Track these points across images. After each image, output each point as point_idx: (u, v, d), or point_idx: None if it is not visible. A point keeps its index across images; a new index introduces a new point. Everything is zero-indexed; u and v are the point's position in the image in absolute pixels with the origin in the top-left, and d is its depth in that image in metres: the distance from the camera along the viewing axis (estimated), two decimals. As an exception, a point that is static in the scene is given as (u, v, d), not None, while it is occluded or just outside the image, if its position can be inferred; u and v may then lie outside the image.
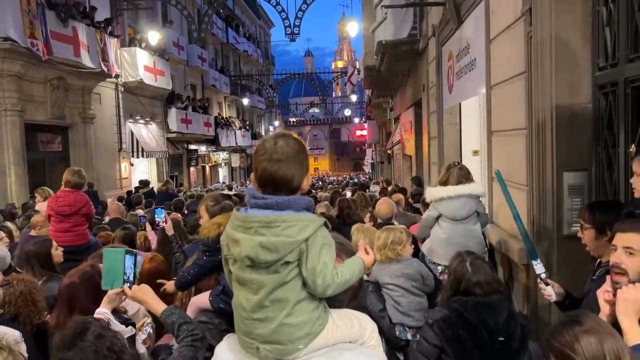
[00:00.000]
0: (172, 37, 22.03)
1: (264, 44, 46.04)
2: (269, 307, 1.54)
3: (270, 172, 1.56)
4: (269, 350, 1.56)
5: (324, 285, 1.54)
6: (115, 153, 17.32)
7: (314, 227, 1.53)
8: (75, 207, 5.27)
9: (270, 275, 1.53)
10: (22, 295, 3.04)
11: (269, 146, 1.60)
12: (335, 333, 1.62)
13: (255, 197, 1.59)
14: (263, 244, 1.50)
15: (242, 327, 1.61)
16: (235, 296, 1.65)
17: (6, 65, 11.41)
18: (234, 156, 33.60)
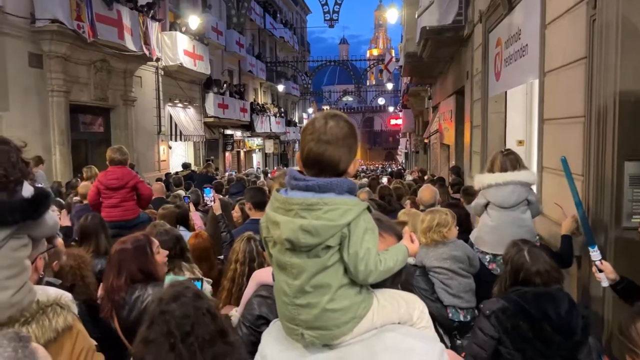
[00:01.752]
0: (212, 22, 22.17)
1: (300, 30, 45.91)
2: (311, 292, 1.50)
3: (317, 153, 1.51)
4: (314, 337, 1.52)
5: (366, 272, 1.49)
6: (154, 136, 17.62)
7: (356, 211, 1.48)
8: (123, 180, 5.37)
9: (311, 259, 1.49)
10: (72, 270, 3.14)
11: (318, 126, 1.53)
12: (382, 314, 1.57)
13: (296, 179, 1.53)
14: (304, 227, 1.45)
15: (285, 313, 1.57)
16: (276, 281, 1.61)
17: (53, 47, 11.70)
18: (267, 142, 33.80)
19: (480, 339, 2.59)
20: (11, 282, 1.62)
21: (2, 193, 1.60)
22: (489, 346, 2.56)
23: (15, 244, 1.64)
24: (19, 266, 1.66)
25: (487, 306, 2.66)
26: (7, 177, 1.60)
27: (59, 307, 1.69)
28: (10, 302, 1.62)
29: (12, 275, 1.63)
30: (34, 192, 1.66)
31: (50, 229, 1.82)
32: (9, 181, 1.61)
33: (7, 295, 1.61)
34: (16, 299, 1.63)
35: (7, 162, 1.62)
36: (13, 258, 1.64)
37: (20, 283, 1.65)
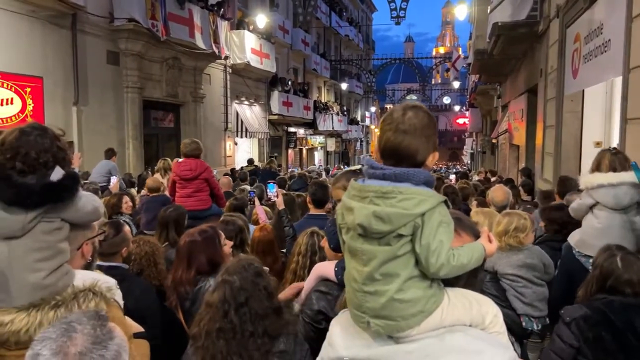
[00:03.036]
0: (278, 21, 22.48)
1: (365, 28, 45.70)
2: (380, 280, 1.49)
3: (394, 143, 1.50)
4: (380, 326, 1.50)
5: (438, 265, 1.45)
6: (221, 132, 18.09)
7: (432, 202, 1.45)
8: (197, 171, 5.54)
9: (382, 247, 1.47)
10: (146, 256, 3.25)
11: (397, 116, 1.52)
12: (452, 313, 1.52)
13: (373, 167, 1.53)
14: (377, 213, 1.44)
15: (353, 299, 1.57)
16: (347, 267, 1.61)
17: (129, 44, 12.25)
18: (329, 140, 33.91)
19: (558, 347, 2.44)
20: (43, 265, 1.66)
21: (32, 176, 1.64)
22: (567, 355, 2.41)
23: (46, 227, 1.68)
24: (52, 249, 1.70)
25: (568, 313, 2.50)
26: (37, 160, 1.65)
27: (92, 293, 1.71)
28: (42, 284, 1.66)
29: (44, 258, 1.67)
30: (61, 176, 1.69)
31: (88, 214, 1.83)
32: (39, 164, 1.65)
33: (39, 277, 1.65)
34: (48, 282, 1.67)
35: (39, 146, 1.66)
36: (45, 241, 1.68)
37: (54, 266, 1.69)
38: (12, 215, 1.62)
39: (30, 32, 9.88)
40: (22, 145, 1.64)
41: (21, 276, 1.64)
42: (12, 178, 1.61)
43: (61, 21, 10.55)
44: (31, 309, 1.63)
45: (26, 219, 1.63)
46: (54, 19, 10.33)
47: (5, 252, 1.64)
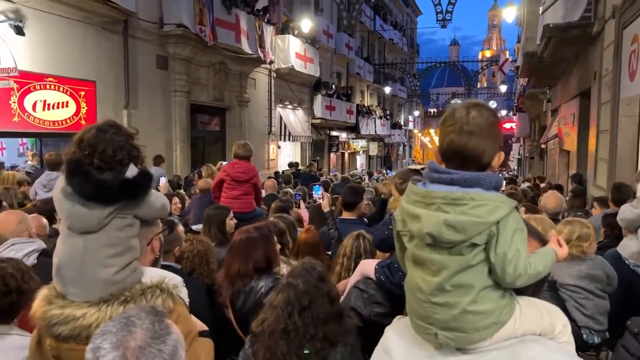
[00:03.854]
0: (323, 25, 22.59)
1: (410, 32, 45.32)
2: (451, 291, 1.41)
3: (459, 145, 1.42)
4: (450, 338, 1.43)
5: (515, 275, 1.38)
6: (265, 135, 18.29)
7: (506, 209, 1.37)
8: (248, 175, 5.63)
9: (453, 256, 1.40)
10: (199, 254, 3.29)
11: (459, 116, 1.44)
12: (524, 323, 1.46)
13: (438, 172, 1.45)
14: (449, 222, 1.36)
15: (418, 310, 1.49)
16: (409, 276, 1.54)
17: (178, 49, 12.56)
18: (372, 144, 33.74)
19: (623, 359, 2.31)
20: (114, 261, 1.69)
21: (108, 173, 1.68)
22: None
23: (119, 223, 1.71)
24: (123, 245, 1.72)
25: (636, 323, 2.37)
26: (114, 157, 1.68)
27: (159, 289, 1.73)
28: (112, 280, 1.69)
29: (115, 254, 1.70)
30: (135, 173, 1.72)
31: (158, 210, 1.87)
32: (115, 161, 1.68)
33: (109, 273, 1.68)
34: (118, 278, 1.70)
35: (115, 144, 1.70)
36: (117, 237, 1.71)
37: (124, 262, 1.72)
38: (90, 210, 1.66)
39: (84, 38, 10.27)
40: (99, 142, 1.68)
41: (93, 271, 1.68)
42: (91, 174, 1.65)
43: (114, 27, 10.92)
44: (101, 304, 1.66)
45: (103, 214, 1.66)
46: (107, 25, 10.71)
47: (80, 247, 1.68)
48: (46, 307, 1.68)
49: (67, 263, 1.70)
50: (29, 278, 2.39)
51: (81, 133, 1.73)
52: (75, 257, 1.69)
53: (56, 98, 9.75)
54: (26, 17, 8.71)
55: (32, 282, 2.39)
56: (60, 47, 9.69)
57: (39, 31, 9.16)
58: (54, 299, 1.70)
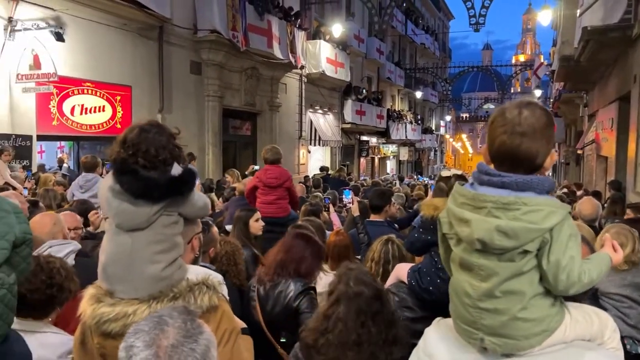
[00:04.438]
0: (354, 30, 22.59)
1: (442, 36, 44.92)
2: (500, 298, 1.37)
3: (511, 147, 1.37)
4: (496, 344, 1.39)
5: (568, 283, 1.34)
6: (295, 140, 18.36)
7: (561, 214, 1.32)
8: (281, 179, 5.66)
9: (503, 263, 1.36)
10: (227, 255, 3.32)
11: (511, 117, 1.39)
12: (574, 329, 1.42)
13: (489, 174, 1.41)
14: (500, 228, 1.32)
15: (463, 314, 1.46)
16: (455, 279, 1.52)
17: (211, 55, 12.75)
18: (402, 149, 33.51)
19: None
20: (162, 257, 1.71)
21: (153, 171, 1.70)
22: None
23: (166, 220, 1.73)
24: (170, 242, 1.75)
25: None
26: (157, 157, 1.71)
27: (205, 286, 1.74)
28: (160, 276, 1.71)
29: (162, 250, 1.72)
30: (181, 171, 1.74)
31: (200, 209, 1.89)
32: (158, 161, 1.70)
33: (157, 269, 1.70)
34: (166, 274, 1.72)
35: (158, 143, 1.72)
36: (164, 234, 1.73)
37: (171, 259, 1.74)
38: (139, 207, 1.69)
39: (121, 44, 10.53)
40: (142, 142, 1.71)
41: (142, 268, 1.70)
42: (139, 172, 1.68)
43: (149, 33, 11.16)
44: (151, 301, 1.68)
45: (151, 212, 1.69)
46: (142, 31, 10.95)
47: (128, 244, 1.71)
48: (95, 305, 1.71)
49: (115, 261, 1.72)
50: (71, 279, 2.45)
51: (124, 133, 1.76)
52: (124, 255, 1.71)
53: (93, 102, 10.02)
54: (66, 24, 8.98)
55: (72, 284, 2.44)
56: (97, 53, 9.96)
57: (78, 37, 9.44)
58: (103, 297, 1.72)
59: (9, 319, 1.99)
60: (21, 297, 2.17)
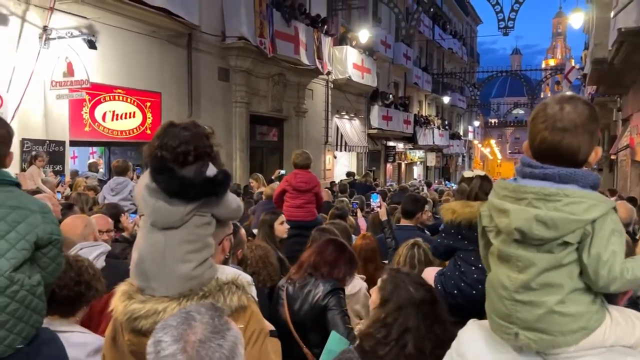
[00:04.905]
0: (381, 36, 22.57)
1: (470, 40, 44.48)
2: (537, 290, 1.34)
3: (552, 142, 1.35)
4: (531, 339, 1.36)
5: (609, 278, 1.29)
6: (322, 145, 18.39)
7: (604, 208, 1.29)
8: (310, 184, 5.68)
9: (542, 254, 1.33)
10: (260, 259, 3.34)
11: (552, 112, 1.37)
12: (615, 332, 1.37)
13: (531, 166, 1.39)
14: (540, 218, 1.30)
15: (499, 308, 1.43)
16: (493, 274, 1.49)
17: (239, 62, 12.89)
18: (429, 155, 33.23)
19: None
20: (193, 256, 1.72)
21: (188, 169, 1.71)
22: None
23: (198, 220, 1.74)
24: (201, 242, 1.75)
25: None
26: (175, 149, 1.71)
27: (234, 286, 1.74)
28: (191, 275, 1.71)
29: (194, 250, 1.73)
30: (215, 172, 1.74)
31: (233, 211, 1.89)
32: (176, 153, 1.71)
33: (188, 268, 1.71)
34: (197, 273, 1.72)
35: (180, 138, 1.73)
36: (196, 234, 1.74)
37: (202, 258, 1.74)
38: (173, 206, 1.70)
39: (151, 51, 10.74)
40: (166, 135, 1.74)
41: (173, 266, 1.71)
42: (175, 170, 1.69)
43: (178, 40, 11.36)
44: (181, 299, 1.68)
45: (185, 211, 1.70)
46: (172, 39, 11.15)
47: (161, 242, 1.72)
48: (126, 301, 1.72)
49: (148, 258, 1.74)
50: (98, 278, 2.49)
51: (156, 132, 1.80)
52: (157, 252, 1.72)
53: (124, 109, 10.23)
54: (98, 32, 9.20)
55: (99, 283, 2.49)
56: (128, 60, 10.17)
57: (110, 45, 9.66)
58: (134, 294, 1.74)
59: (32, 321, 2.01)
60: (51, 294, 2.22)
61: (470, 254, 2.92)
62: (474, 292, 2.77)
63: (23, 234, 1.98)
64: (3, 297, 1.91)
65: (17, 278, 1.95)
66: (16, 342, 1.96)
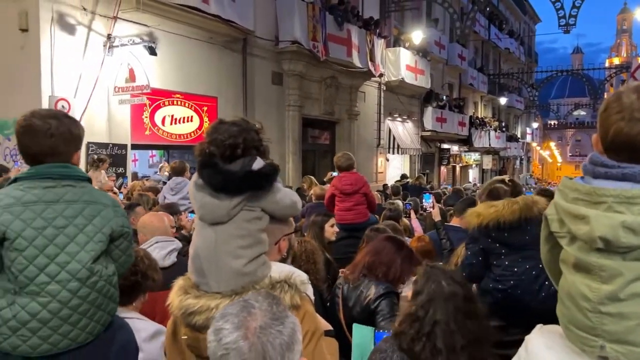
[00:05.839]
0: (434, 37, 22.24)
1: (528, 40, 43.09)
2: (626, 301, 1.23)
3: (630, 134, 1.23)
4: (620, 352, 1.25)
5: None
6: (374, 148, 18.28)
7: None
8: (356, 185, 5.65)
9: (629, 262, 1.22)
10: (305, 253, 3.34)
11: (629, 101, 1.25)
12: None
13: (605, 166, 1.27)
14: (627, 224, 1.18)
15: (580, 320, 1.32)
16: (567, 281, 1.37)
17: (292, 65, 13.03)
18: (485, 158, 32.36)
19: None
20: (244, 252, 1.73)
21: (235, 164, 1.73)
22: None
23: (247, 215, 1.74)
24: (253, 238, 1.75)
25: None
26: (224, 142, 1.74)
27: (287, 284, 1.73)
28: (242, 271, 1.72)
29: (245, 246, 1.73)
30: (262, 165, 1.75)
31: (288, 207, 1.88)
32: (224, 146, 1.74)
33: (240, 264, 1.72)
34: (248, 269, 1.72)
35: (229, 132, 1.75)
36: (246, 229, 1.74)
37: (254, 254, 1.74)
38: (219, 201, 1.72)
39: (207, 57, 11.03)
40: (215, 131, 1.78)
41: (225, 262, 1.73)
42: (218, 165, 1.73)
43: (234, 45, 11.61)
44: (234, 296, 1.69)
45: (231, 205, 1.72)
46: (227, 44, 11.42)
47: (212, 238, 1.75)
48: (182, 296, 1.75)
49: (202, 254, 1.76)
50: (154, 268, 2.58)
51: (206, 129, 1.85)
52: (209, 248, 1.74)
53: (182, 113, 10.56)
54: (158, 39, 9.55)
55: (156, 274, 2.57)
56: (186, 66, 10.50)
57: (169, 51, 10.00)
58: (190, 289, 1.76)
59: (109, 309, 2.12)
60: None
61: (504, 259, 2.82)
62: (519, 291, 2.69)
63: (99, 227, 2.08)
64: (85, 287, 2.01)
65: (96, 269, 2.05)
66: (96, 329, 2.06)
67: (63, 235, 1.99)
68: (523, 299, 2.86)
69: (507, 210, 2.91)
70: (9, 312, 1.92)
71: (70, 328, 1.98)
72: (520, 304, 2.85)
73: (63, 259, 1.98)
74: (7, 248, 1.94)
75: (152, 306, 2.72)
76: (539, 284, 2.84)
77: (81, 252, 2.02)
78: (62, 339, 1.96)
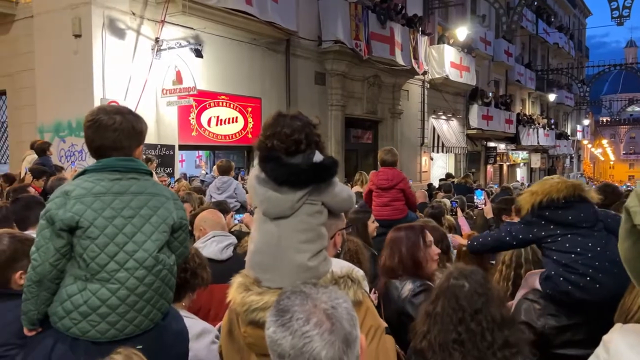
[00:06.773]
0: (480, 33, 21.76)
1: (578, 34, 41.58)
2: None
3: None
4: None
5: None
6: (417, 147, 18.07)
7: None
8: (393, 181, 5.57)
9: None
10: (349, 252, 3.29)
11: None
12: None
13: None
14: None
15: None
16: None
17: (335, 65, 13.05)
18: (534, 156, 31.43)
19: None
20: (307, 247, 1.70)
21: (296, 157, 1.71)
22: None
23: (310, 209, 1.71)
24: (314, 232, 1.72)
25: None
26: (290, 137, 1.72)
27: (350, 280, 1.69)
28: (307, 265, 1.68)
29: (307, 240, 1.70)
30: (322, 158, 1.73)
31: (344, 201, 1.85)
32: (290, 141, 1.71)
33: (303, 258, 1.68)
34: (312, 264, 1.69)
35: (292, 126, 1.73)
36: (309, 223, 1.71)
37: (316, 249, 1.71)
38: (283, 194, 1.70)
39: (251, 58, 11.18)
40: (277, 124, 1.76)
41: (289, 256, 1.70)
42: (281, 158, 1.71)
43: (277, 47, 11.72)
44: None
45: (295, 198, 1.70)
46: (271, 45, 11.54)
47: (275, 233, 1.72)
48: (244, 293, 1.72)
49: (263, 249, 1.74)
50: (203, 268, 2.61)
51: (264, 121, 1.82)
52: (271, 243, 1.72)
53: (227, 114, 10.73)
54: (204, 42, 9.74)
55: (205, 272, 2.60)
56: (231, 67, 10.67)
57: (214, 53, 10.19)
58: (251, 286, 1.73)
59: (168, 297, 2.19)
60: None
61: (563, 241, 2.67)
62: (588, 278, 2.54)
63: (163, 218, 2.15)
64: (150, 275, 2.07)
65: (160, 258, 2.11)
66: (157, 316, 2.12)
67: (131, 225, 2.06)
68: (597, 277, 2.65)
69: (562, 185, 2.81)
70: (80, 298, 1.99)
71: (136, 315, 2.04)
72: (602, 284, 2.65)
73: (131, 247, 2.05)
74: (80, 236, 2.01)
75: (209, 299, 2.76)
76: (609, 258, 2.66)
77: (148, 242, 2.08)
78: (128, 324, 2.03)
